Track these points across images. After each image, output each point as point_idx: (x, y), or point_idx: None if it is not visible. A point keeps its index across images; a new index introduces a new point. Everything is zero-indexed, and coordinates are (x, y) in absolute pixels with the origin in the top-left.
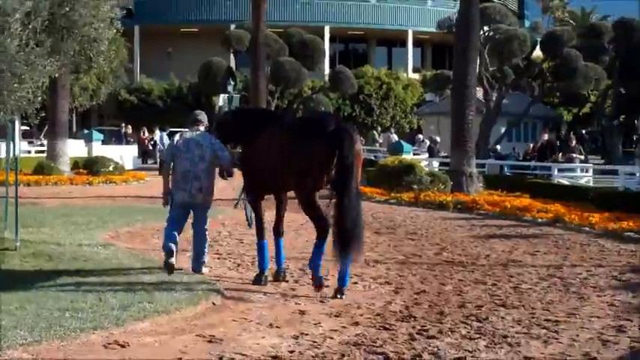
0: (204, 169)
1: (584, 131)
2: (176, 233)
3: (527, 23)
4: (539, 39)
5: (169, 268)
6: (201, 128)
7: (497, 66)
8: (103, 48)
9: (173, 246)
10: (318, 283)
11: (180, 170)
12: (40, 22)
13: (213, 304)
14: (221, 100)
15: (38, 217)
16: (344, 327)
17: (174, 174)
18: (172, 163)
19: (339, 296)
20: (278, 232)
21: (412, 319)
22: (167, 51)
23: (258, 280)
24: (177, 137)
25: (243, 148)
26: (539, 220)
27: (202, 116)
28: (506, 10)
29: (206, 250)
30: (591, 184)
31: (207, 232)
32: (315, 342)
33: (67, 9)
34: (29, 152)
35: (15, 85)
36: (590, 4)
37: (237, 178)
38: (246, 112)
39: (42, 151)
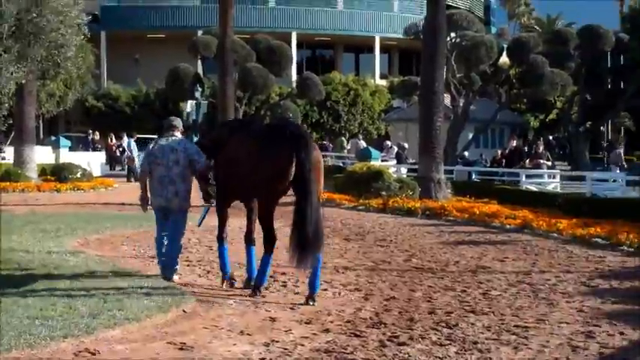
0: (179, 174)
1: (550, 137)
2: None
3: (493, 30)
4: (505, 45)
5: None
6: (177, 134)
7: (465, 72)
8: (70, 54)
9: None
10: (257, 289)
11: (156, 176)
12: (7, 28)
13: (184, 311)
14: (189, 106)
15: (6, 224)
16: (314, 334)
17: (151, 180)
18: (149, 170)
19: (310, 303)
20: (250, 240)
21: (382, 325)
22: (134, 57)
23: (228, 282)
24: (152, 144)
25: (215, 156)
26: (508, 226)
27: (177, 122)
28: (472, 17)
29: (179, 257)
30: (559, 190)
31: (182, 239)
32: (286, 349)
33: (34, 15)
34: None
35: None
36: (555, 10)
37: None
38: (224, 125)
39: (3, 158)
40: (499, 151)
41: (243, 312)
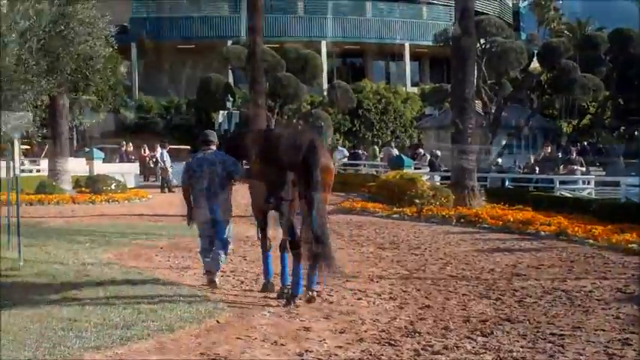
0: (219, 184)
1: (585, 143)
2: (209, 254)
3: (522, 35)
4: (535, 51)
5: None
6: (213, 147)
7: (495, 78)
8: (98, 66)
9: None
10: (293, 299)
11: (197, 189)
12: (36, 41)
13: (217, 321)
14: (221, 116)
15: (41, 236)
16: (349, 344)
17: (193, 194)
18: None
19: (311, 297)
20: (283, 247)
21: (417, 334)
22: (165, 68)
23: (264, 287)
24: (190, 159)
25: (248, 164)
26: (543, 233)
27: (213, 136)
28: (502, 23)
29: (222, 259)
30: (593, 195)
31: (226, 244)
32: (320, 359)
33: (62, 27)
34: (30, 171)
35: (14, 103)
36: (585, 15)
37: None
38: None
39: (37, 170)
40: (532, 157)
41: (277, 322)
